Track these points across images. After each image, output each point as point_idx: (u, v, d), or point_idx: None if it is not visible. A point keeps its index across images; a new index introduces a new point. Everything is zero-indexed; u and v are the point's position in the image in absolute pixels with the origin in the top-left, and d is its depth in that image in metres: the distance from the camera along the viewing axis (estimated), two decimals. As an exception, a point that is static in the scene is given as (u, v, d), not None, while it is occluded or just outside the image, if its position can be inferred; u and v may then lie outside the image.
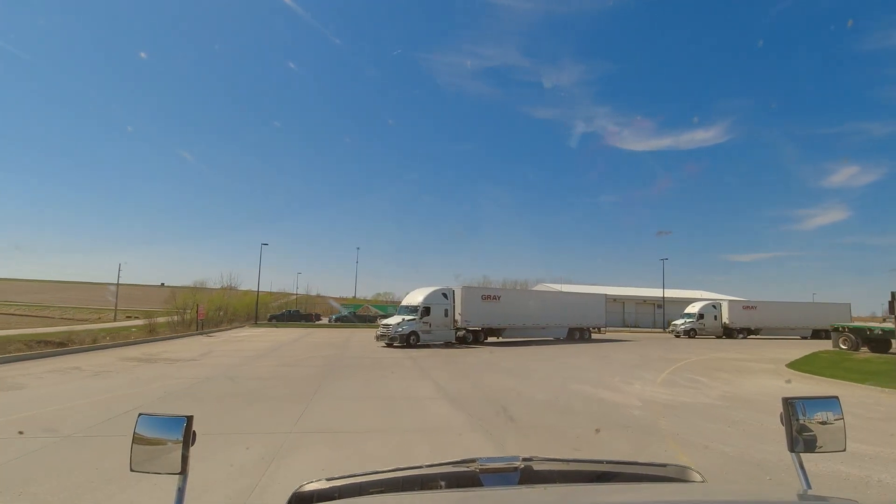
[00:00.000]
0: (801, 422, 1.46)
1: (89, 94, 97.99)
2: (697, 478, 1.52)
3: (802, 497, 1.29)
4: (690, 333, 37.72)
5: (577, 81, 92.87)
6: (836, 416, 1.46)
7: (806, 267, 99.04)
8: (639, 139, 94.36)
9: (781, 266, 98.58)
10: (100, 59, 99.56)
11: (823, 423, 1.46)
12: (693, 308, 39.18)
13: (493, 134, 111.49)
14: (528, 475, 1.48)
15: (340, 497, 1.35)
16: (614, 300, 54.76)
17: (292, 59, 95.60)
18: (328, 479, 1.42)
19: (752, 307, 39.65)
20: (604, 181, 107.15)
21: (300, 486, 1.40)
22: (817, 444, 1.45)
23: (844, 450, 1.46)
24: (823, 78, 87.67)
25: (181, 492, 1.29)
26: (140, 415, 1.33)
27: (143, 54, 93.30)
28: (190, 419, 1.31)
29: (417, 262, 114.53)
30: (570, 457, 1.61)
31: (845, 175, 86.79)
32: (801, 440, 1.45)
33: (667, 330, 39.90)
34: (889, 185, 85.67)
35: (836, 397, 1.50)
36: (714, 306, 39.11)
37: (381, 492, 1.43)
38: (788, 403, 1.47)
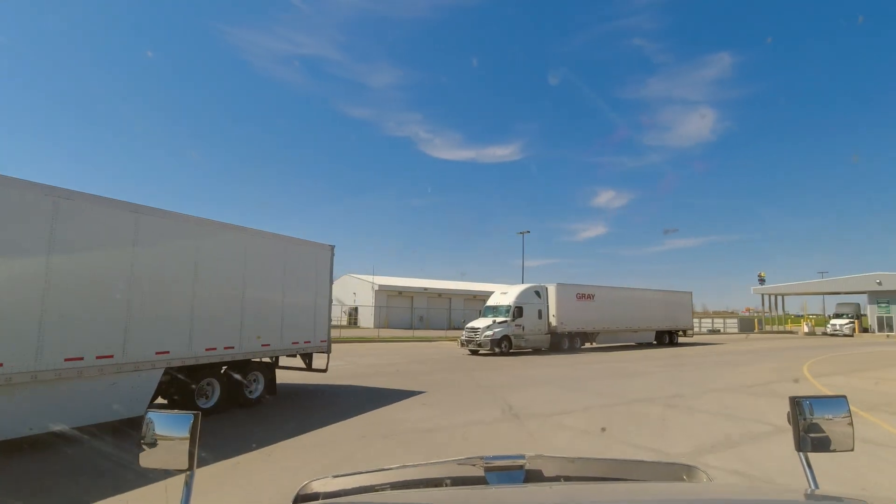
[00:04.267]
0: (809, 421, 1.44)
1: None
2: (703, 477, 1.48)
3: (809, 496, 1.28)
4: (502, 345, 21.02)
5: (392, 85, 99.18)
6: (845, 416, 1.45)
7: (577, 273, 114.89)
8: (447, 148, 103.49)
9: (557, 271, 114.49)
10: None
11: (832, 422, 1.44)
12: (505, 298, 22.75)
13: (302, 125, 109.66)
14: (533, 473, 1.47)
15: (346, 494, 1.38)
16: (439, 295, 49.85)
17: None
18: (334, 477, 1.43)
19: (589, 296, 25.07)
20: (412, 184, 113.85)
21: (306, 484, 1.40)
22: (825, 444, 1.44)
23: (852, 449, 1.44)
24: (592, 115, 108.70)
25: (188, 487, 1.30)
26: (147, 411, 1.36)
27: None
28: (197, 416, 1.32)
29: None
30: (576, 455, 1.56)
31: (605, 198, 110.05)
32: (808, 440, 1.43)
33: (463, 342, 22.40)
34: (634, 208, 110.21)
35: (844, 396, 1.49)
36: (537, 293, 23.28)
37: (387, 489, 1.42)
38: (795, 402, 1.45)
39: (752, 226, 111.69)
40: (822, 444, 1.43)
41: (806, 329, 46.12)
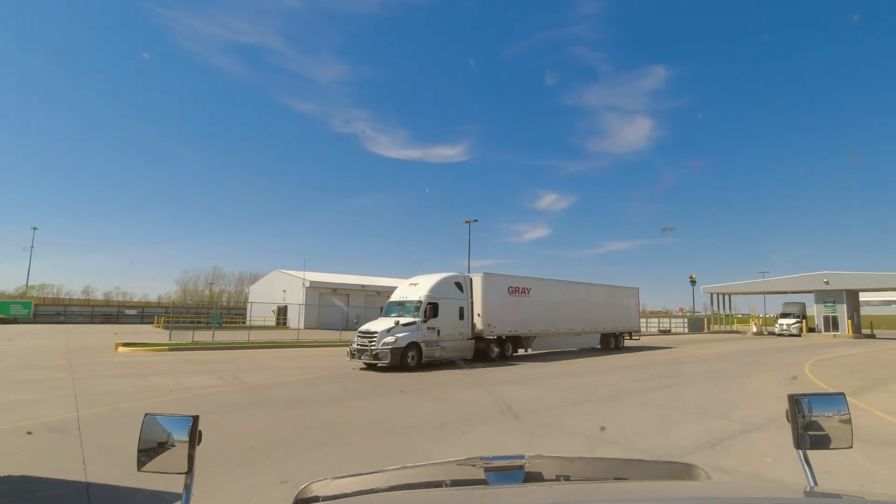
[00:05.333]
0: (808, 419, 1.44)
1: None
2: (703, 476, 1.46)
3: (809, 494, 1.26)
4: (409, 356, 15.25)
5: (338, 80, 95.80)
6: (843, 413, 1.45)
7: (520, 273, 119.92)
8: (393, 147, 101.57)
9: (501, 271, 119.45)
10: None
11: (830, 419, 1.44)
12: (414, 291, 17.10)
13: (242, 117, 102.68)
14: (533, 474, 1.46)
15: (346, 496, 1.34)
16: (378, 293, 46.85)
17: None
18: (334, 478, 1.41)
19: (524, 290, 20.09)
20: (359, 182, 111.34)
21: (306, 486, 1.40)
22: (824, 442, 1.43)
23: (851, 447, 1.42)
24: (536, 119, 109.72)
25: (188, 490, 1.31)
26: (146, 414, 1.34)
27: None
28: (196, 419, 1.33)
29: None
30: (576, 455, 1.54)
31: (548, 201, 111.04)
32: (807, 437, 1.42)
33: (353, 352, 16.72)
34: (576, 211, 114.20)
35: (843, 394, 1.50)
36: (459, 285, 17.78)
37: (387, 490, 1.41)
38: (794, 400, 1.46)
39: (687, 228, 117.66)
40: (822, 442, 1.42)
41: (754, 329, 44.26)
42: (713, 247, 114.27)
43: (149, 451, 1.29)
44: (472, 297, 17.94)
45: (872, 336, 40.27)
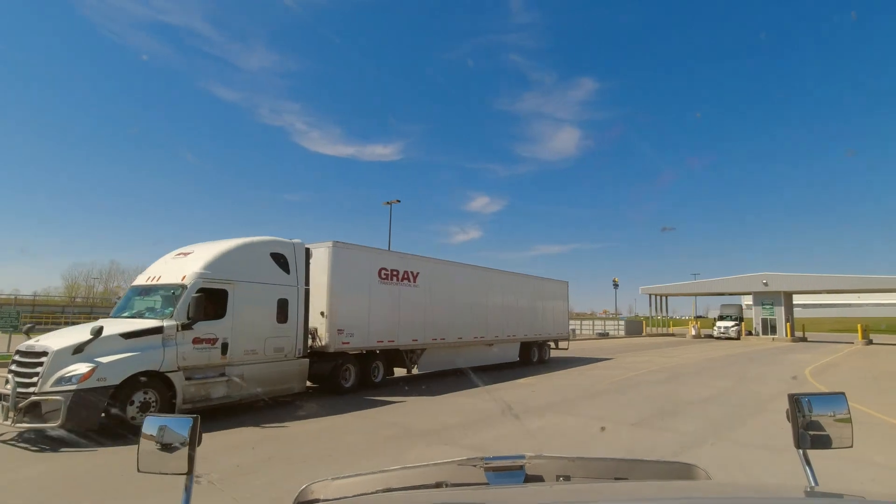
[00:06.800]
0: (808, 418, 1.39)
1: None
2: (703, 475, 1.43)
3: (809, 494, 1.22)
4: (126, 407, 7.07)
5: (268, 70, 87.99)
6: (843, 413, 1.40)
7: None
8: (325, 143, 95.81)
9: None
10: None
11: (831, 419, 1.40)
12: (175, 268, 8.52)
13: (157, 101, 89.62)
14: (533, 473, 1.44)
15: (346, 496, 1.33)
16: None
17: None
18: (333, 479, 1.41)
19: (407, 276, 12.41)
20: (287, 177, 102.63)
21: (306, 486, 1.38)
22: (825, 442, 1.39)
23: (851, 446, 1.38)
24: (470, 123, 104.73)
25: (188, 492, 1.28)
26: (146, 415, 1.33)
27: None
28: (196, 419, 1.30)
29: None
30: (576, 455, 1.50)
31: (480, 203, 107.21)
32: (807, 437, 1.38)
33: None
34: (507, 214, 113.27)
35: (843, 393, 1.45)
36: (279, 259, 9.43)
37: (388, 491, 1.38)
38: (795, 400, 1.42)
39: (612, 234, 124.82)
40: (822, 442, 1.39)
41: (693, 332, 40.64)
42: (639, 249, 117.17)
43: (149, 452, 1.28)
44: (306, 284, 9.99)
45: (805, 339, 37.68)
